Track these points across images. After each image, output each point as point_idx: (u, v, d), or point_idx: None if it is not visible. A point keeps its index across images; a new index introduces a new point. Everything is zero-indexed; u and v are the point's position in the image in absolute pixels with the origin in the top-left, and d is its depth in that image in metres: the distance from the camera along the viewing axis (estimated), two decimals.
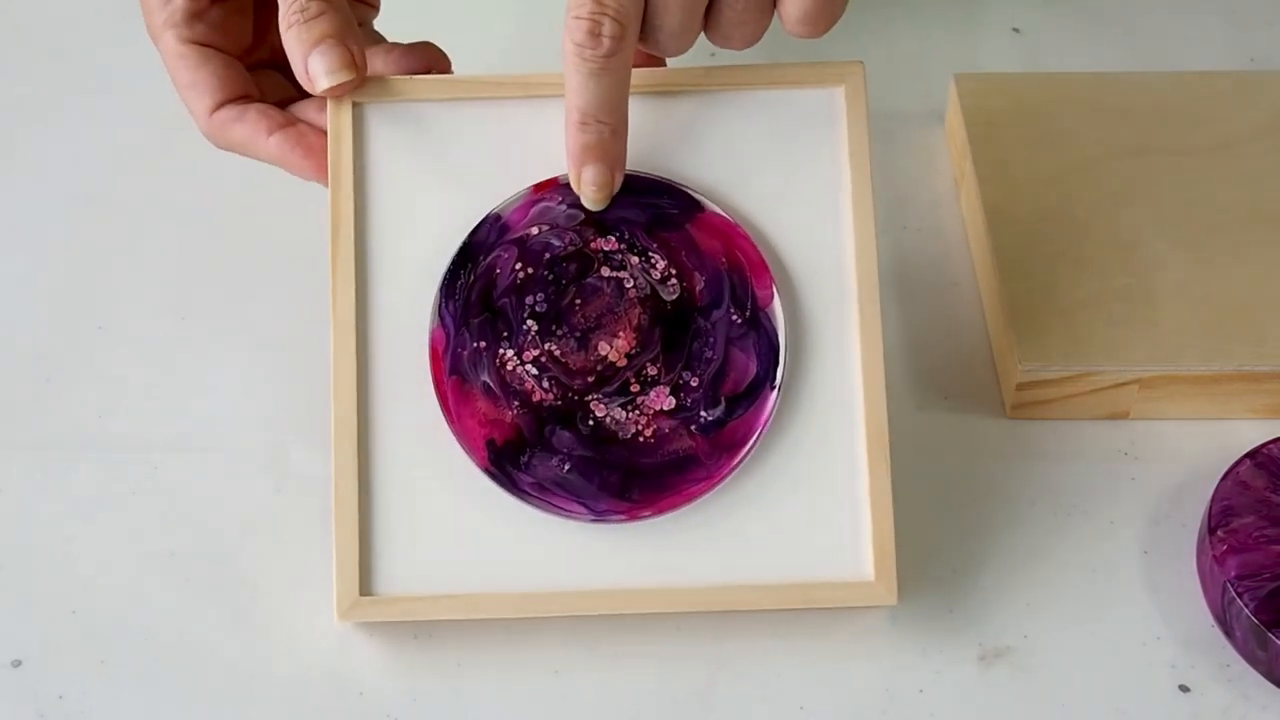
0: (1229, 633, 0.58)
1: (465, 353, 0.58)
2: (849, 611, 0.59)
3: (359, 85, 0.59)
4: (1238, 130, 0.72)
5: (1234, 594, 0.57)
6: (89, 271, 0.71)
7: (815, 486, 0.58)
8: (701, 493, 0.58)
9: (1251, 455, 0.61)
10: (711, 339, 0.58)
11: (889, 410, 0.58)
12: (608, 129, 0.56)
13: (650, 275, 0.59)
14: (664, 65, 0.61)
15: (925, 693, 0.57)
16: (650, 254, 0.59)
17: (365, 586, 0.57)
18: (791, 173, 0.60)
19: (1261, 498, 0.59)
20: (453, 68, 0.64)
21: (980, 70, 0.79)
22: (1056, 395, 0.64)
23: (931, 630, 0.59)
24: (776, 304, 0.59)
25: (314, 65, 0.58)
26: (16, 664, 0.58)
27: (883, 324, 0.59)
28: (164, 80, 0.79)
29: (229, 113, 0.62)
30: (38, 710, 0.57)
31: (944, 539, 0.61)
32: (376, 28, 0.67)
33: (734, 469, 0.58)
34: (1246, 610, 0.56)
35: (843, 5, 0.56)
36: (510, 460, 0.58)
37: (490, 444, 0.58)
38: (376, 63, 0.63)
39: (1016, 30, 0.82)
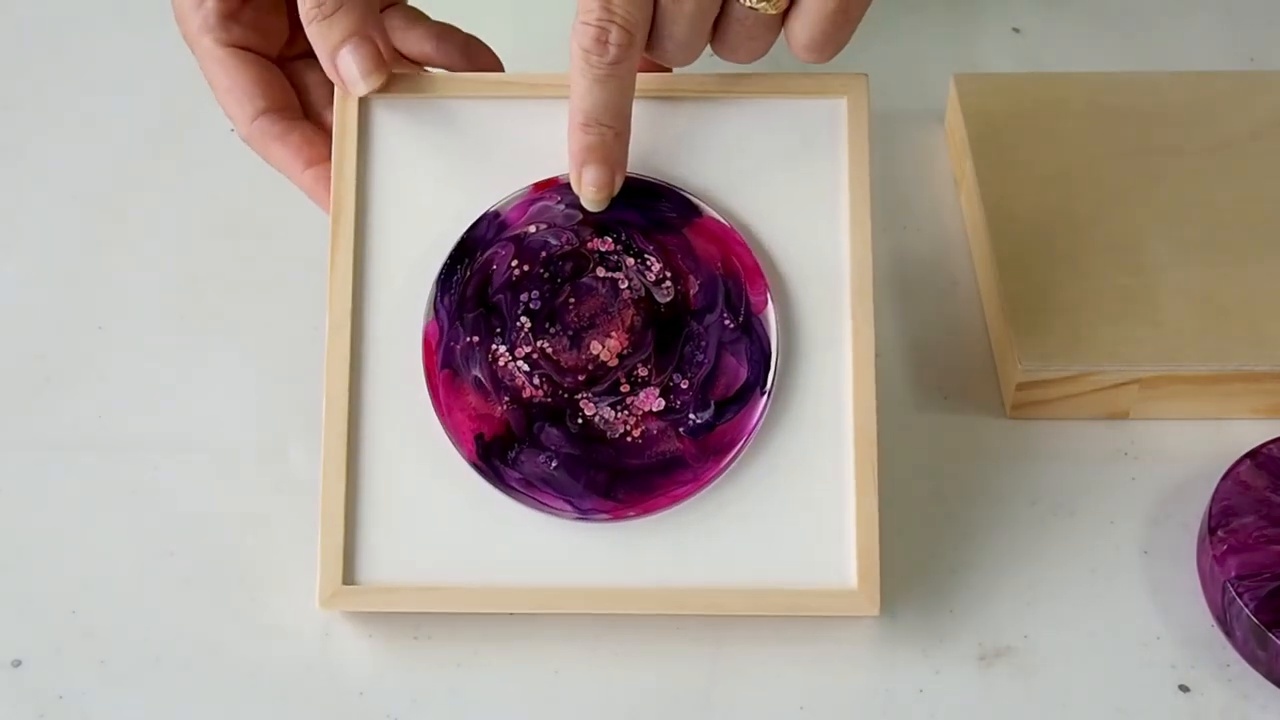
0: (1229, 633, 0.58)
1: (458, 347, 0.58)
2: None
3: (387, 82, 0.59)
4: (1238, 130, 0.72)
5: (1234, 594, 0.57)
6: (89, 271, 0.71)
7: (801, 493, 0.58)
8: (687, 495, 0.58)
9: (1251, 455, 0.61)
10: (704, 342, 0.58)
11: (886, 411, 0.59)
12: (611, 132, 0.57)
13: (645, 277, 0.59)
14: (669, 71, 0.61)
15: (925, 693, 0.57)
16: (646, 256, 0.59)
17: (348, 575, 0.57)
18: (791, 182, 0.60)
19: (1261, 498, 0.59)
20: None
21: (980, 70, 0.79)
22: (1056, 395, 0.64)
23: (931, 630, 0.59)
24: (770, 310, 0.59)
25: (344, 69, 0.59)
26: (16, 664, 0.58)
27: (883, 324, 0.59)
28: (164, 80, 0.79)
29: (271, 126, 0.62)
30: (38, 710, 0.57)
31: (944, 539, 0.61)
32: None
33: (720, 473, 0.58)
34: (1246, 610, 0.56)
35: (849, 34, 0.56)
36: (498, 455, 0.58)
37: (479, 438, 0.58)
38: (426, 47, 0.63)
39: (1016, 30, 0.82)
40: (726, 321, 0.59)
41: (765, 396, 0.58)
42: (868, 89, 0.60)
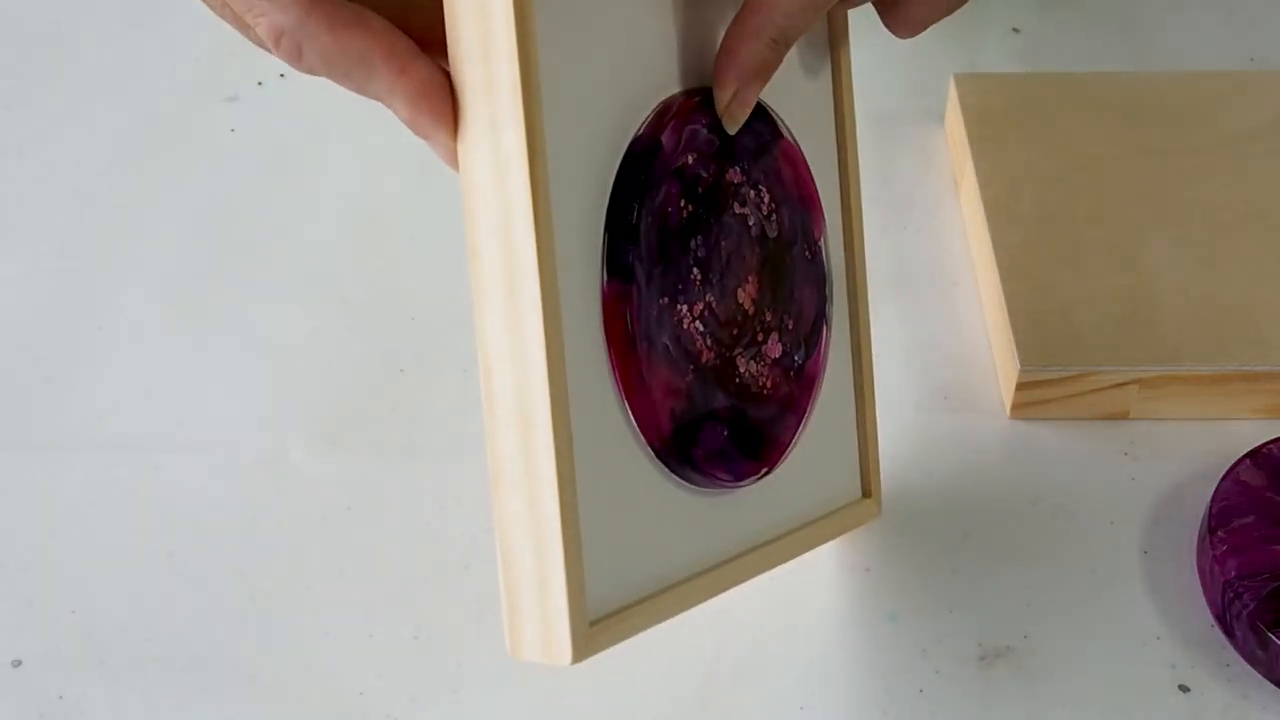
0: (1229, 633, 0.58)
1: (655, 312, 0.49)
2: (850, 610, 0.59)
3: None
4: (1238, 130, 0.72)
5: (1234, 594, 0.57)
6: (89, 271, 0.71)
7: (839, 419, 0.57)
8: (792, 440, 0.54)
9: (1251, 455, 0.61)
10: (797, 278, 0.54)
11: (885, 412, 0.59)
12: (786, 53, 0.50)
13: (761, 211, 0.52)
14: None
15: (925, 693, 0.57)
16: (760, 187, 0.52)
17: (593, 612, 0.47)
18: (790, 88, 0.54)
19: (1261, 498, 0.59)
20: None
21: (980, 70, 0.79)
22: (1056, 395, 0.64)
23: (931, 630, 0.59)
24: (826, 235, 0.55)
25: None
26: (16, 664, 0.58)
27: (883, 324, 0.59)
28: (164, 80, 0.80)
29: (341, 9, 0.45)
30: (38, 710, 0.57)
31: (944, 539, 0.61)
32: None
33: (810, 411, 0.55)
34: (1246, 610, 0.56)
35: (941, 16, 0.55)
36: (689, 433, 0.50)
37: (674, 417, 0.50)
38: None
39: (1016, 30, 0.82)
40: (806, 253, 0.54)
41: (828, 327, 0.55)
42: None
